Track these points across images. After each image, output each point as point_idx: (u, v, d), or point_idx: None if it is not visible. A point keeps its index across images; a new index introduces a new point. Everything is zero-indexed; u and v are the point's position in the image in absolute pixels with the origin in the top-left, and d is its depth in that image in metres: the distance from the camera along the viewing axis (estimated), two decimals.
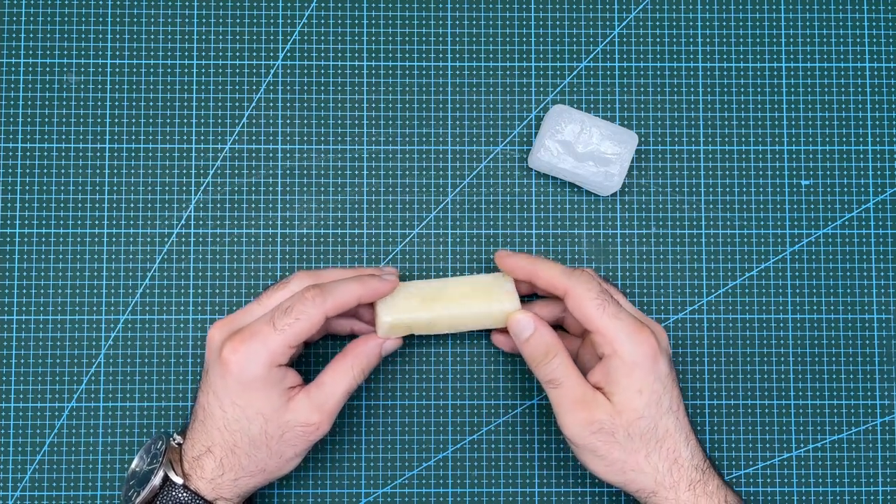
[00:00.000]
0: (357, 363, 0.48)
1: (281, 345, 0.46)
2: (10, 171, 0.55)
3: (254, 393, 0.46)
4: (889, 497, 0.55)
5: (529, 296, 0.54)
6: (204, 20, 0.56)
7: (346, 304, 0.47)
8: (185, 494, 0.46)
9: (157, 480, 0.46)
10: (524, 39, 0.56)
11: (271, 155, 0.56)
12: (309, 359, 0.55)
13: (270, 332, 0.46)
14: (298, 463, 0.49)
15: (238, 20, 0.56)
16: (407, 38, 0.56)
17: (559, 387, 0.47)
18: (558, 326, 0.53)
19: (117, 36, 0.56)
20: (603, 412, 0.46)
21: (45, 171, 0.55)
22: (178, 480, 0.46)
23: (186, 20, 0.56)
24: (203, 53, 0.56)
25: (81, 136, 0.55)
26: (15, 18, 0.56)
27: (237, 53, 0.56)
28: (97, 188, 0.55)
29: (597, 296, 0.47)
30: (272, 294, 0.49)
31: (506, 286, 0.50)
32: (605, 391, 0.47)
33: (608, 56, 0.56)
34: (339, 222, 0.55)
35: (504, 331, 0.52)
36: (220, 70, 0.56)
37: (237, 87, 0.56)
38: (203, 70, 0.56)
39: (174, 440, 0.49)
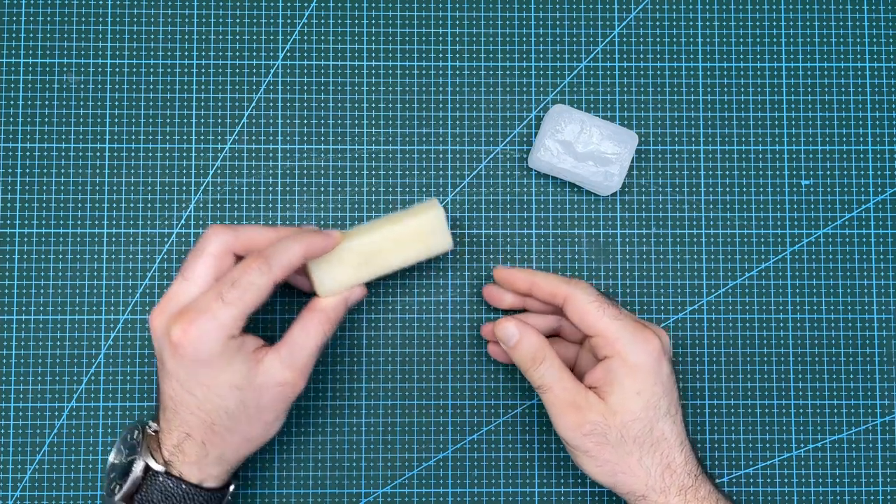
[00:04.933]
0: (325, 318, 0.47)
1: (232, 318, 0.44)
2: (10, 171, 0.55)
3: (216, 369, 0.45)
4: (889, 497, 0.55)
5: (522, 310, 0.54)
6: (204, 20, 0.56)
7: (291, 268, 0.46)
8: (170, 482, 0.45)
9: (138, 471, 0.45)
10: (524, 39, 0.56)
11: (271, 155, 0.56)
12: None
13: (220, 306, 0.44)
14: (281, 426, 0.48)
15: (238, 20, 0.56)
16: (407, 38, 0.56)
17: (549, 391, 0.47)
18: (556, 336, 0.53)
19: (117, 36, 0.56)
20: (595, 413, 0.46)
21: (45, 171, 0.55)
22: (161, 469, 0.45)
23: (186, 20, 0.56)
24: (203, 53, 0.56)
25: (81, 136, 0.55)
26: (15, 18, 0.56)
27: (237, 53, 0.56)
28: (97, 188, 0.55)
29: (595, 299, 0.47)
30: (193, 264, 0.46)
31: (438, 222, 0.49)
32: (601, 391, 0.47)
33: (608, 56, 0.56)
34: (339, 222, 0.55)
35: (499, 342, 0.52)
36: (220, 70, 0.56)
37: (237, 87, 0.56)
38: (203, 70, 0.56)
39: (150, 428, 0.47)
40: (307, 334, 0.47)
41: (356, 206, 0.56)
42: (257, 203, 0.55)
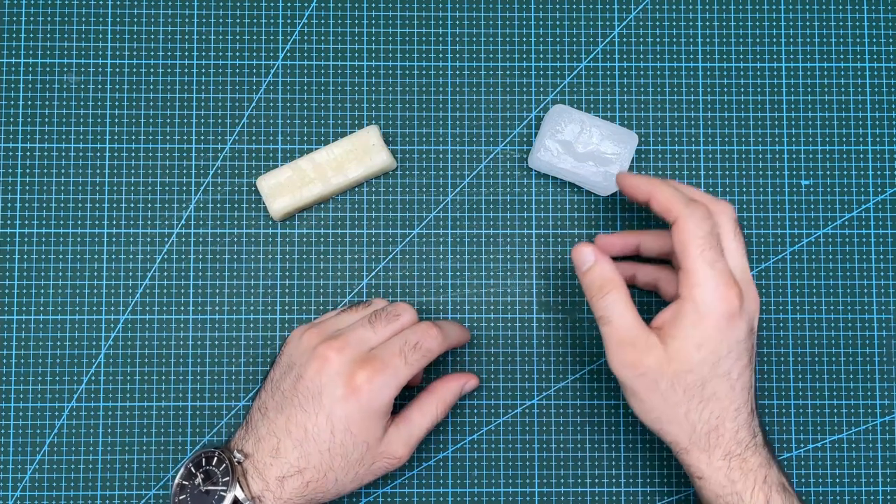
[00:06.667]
0: (442, 401, 0.50)
1: (405, 377, 0.47)
2: (10, 171, 0.55)
3: (371, 422, 0.46)
4: (889, 497, 0.55)
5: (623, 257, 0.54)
6: (204, 20, 0.56)
7: (452, 346, 0.51)
8: None
9: (227, 503, 0.45)
10: (524, 39, 0.56)
11: (271, 155, 0.56)
12: None
13: (401, 364, 0.47)
14: None
15: (238, 20, 0.56)
16: (407, 38, 0.56)
17: (609, 324, 0.46)
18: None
19: (117, 36, 0.56)
20: (651, 357, 0.45)
21: (45, 171, 0.55)
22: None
23: (186, 20, 0.56)
24: (203, 53, 0.56)
25: (81, 136, 0.55)
26: (15, 18, 0.56)
27: (237, 53, 0.56)
28: (97, 188, 0.55)
29: (704, 235, 0.45)
30: (385, 324, 0.49)
31: (371, 141, 0.54)
32: (665, 333, 0.45)
33: (608, 56, 0.56)
34: (339, 222, 0.55)
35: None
36: (220, 70, 0.56)
37: (237, 87, 0.56)
38: (203, 70, 0.56)
39: (235, 458, 0.47)
40: (423, 415, 0.49)
41: (356, 205, 0.56)
42: (258, 203, 0.55)
